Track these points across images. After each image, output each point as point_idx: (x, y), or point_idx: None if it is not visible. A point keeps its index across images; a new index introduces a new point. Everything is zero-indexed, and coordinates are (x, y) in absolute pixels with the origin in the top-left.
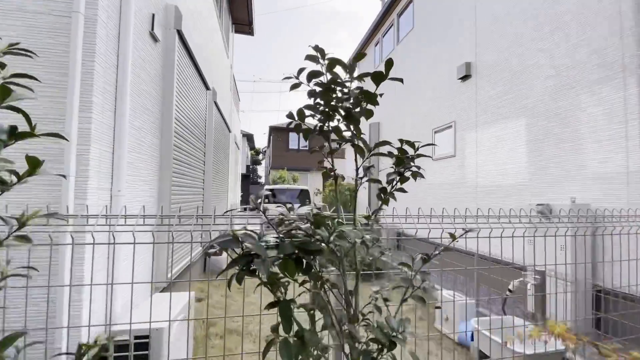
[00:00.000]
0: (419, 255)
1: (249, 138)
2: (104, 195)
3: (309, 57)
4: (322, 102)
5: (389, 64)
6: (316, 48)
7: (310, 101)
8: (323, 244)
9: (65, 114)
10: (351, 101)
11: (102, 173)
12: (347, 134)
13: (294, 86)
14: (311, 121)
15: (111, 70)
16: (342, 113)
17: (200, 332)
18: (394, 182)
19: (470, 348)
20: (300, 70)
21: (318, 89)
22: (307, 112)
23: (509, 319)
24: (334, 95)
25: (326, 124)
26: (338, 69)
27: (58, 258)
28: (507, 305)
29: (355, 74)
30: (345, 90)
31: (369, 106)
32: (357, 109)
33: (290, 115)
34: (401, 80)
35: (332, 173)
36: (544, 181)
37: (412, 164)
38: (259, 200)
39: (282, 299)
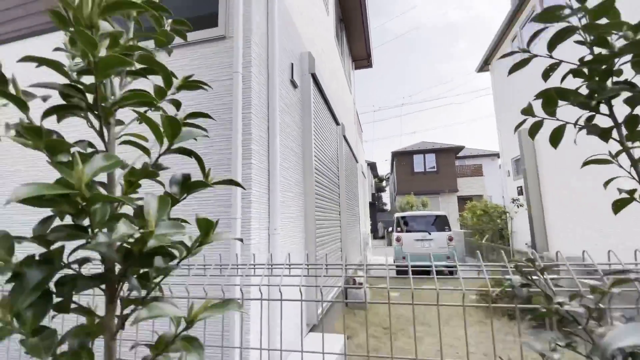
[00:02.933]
0: None
1: (372, 166)
2: (263, 233)
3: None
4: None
5: None
6: None
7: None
8: None
9: (231, 162)
10: None
11: (261, 213)
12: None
13: (521, 64)
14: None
15: (263, 120)
16: None
17: None
18: None
19: None
20: (535, 35)
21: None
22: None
23: None
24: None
25: None
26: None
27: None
28: None
29: (493, 75)
30: None
31: None
32: None
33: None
34: None
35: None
36: None
37: None
38: (390, 229)
39: None
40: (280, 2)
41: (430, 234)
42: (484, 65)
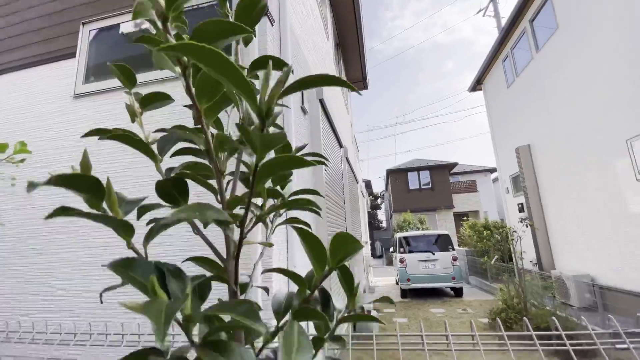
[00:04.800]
0: None
1: (367, 184)
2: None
3: None
4: None
5: None
6: None
7: None
8: None
9: None
10: None
11: (281, 251)
12: None
13: None
14: None
15: None
16: None
17: None
18: None
19: None
20: None
21: None
22: None
23: None
24: None
25: None
26: None
27: None
28: None
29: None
30: None
31: None
32: None
33: None
34: None
35: None
36: None
37: None
38: (390, 249)
39: None
40: (292, 32)
41: (434, 254)
42: (476, 85)
